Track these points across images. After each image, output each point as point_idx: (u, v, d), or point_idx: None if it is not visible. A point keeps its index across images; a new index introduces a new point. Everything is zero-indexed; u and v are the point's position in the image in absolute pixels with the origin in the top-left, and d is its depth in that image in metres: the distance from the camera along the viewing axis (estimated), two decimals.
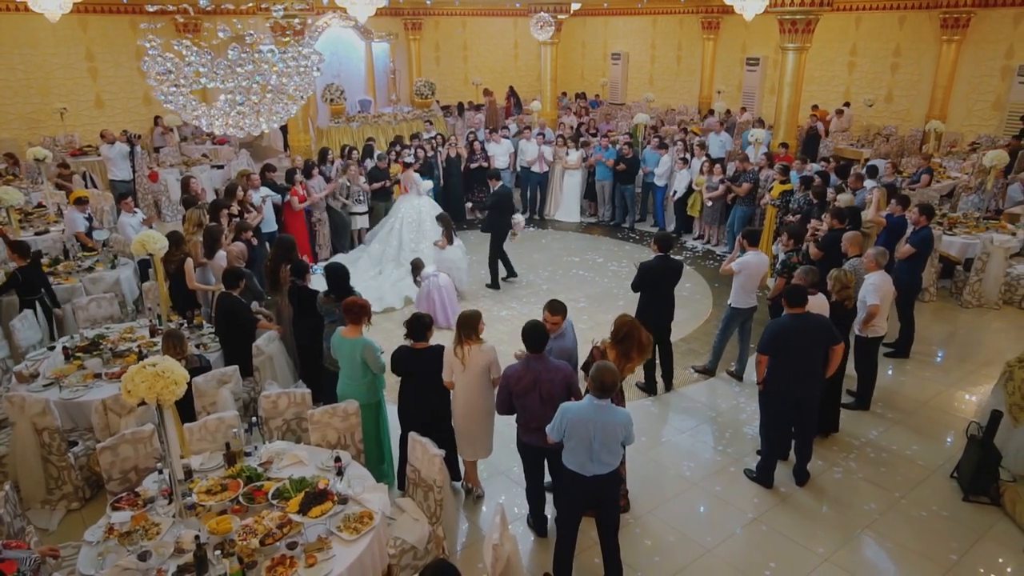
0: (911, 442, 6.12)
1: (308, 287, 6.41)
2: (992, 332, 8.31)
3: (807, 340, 5.17)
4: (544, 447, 4.65)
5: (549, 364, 4.59)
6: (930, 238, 7.34)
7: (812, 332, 5.19)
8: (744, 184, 10.55)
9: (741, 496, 5.46)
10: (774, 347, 5.18)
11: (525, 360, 4.62)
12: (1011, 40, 15.27)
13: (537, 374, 4.54)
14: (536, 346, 4.57)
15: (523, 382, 4.55)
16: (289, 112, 4.94)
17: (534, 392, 4.54)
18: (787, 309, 5.20)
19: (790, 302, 5.16)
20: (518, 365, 4.65)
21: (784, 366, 5.17)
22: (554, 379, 4.53)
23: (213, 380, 5.46)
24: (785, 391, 5.24)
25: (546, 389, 4.52)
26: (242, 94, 4.30)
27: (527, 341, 4.59)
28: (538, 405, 4.55)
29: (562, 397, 4.55)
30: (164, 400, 3.74)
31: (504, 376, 4.66)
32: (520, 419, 4.73)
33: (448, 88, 21.45)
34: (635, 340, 5.05)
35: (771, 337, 5.20)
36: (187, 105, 4.46)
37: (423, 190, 10.63)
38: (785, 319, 5.22)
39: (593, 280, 10.09)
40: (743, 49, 20.01)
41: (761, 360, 5.25)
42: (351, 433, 5.04)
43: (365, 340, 5.17)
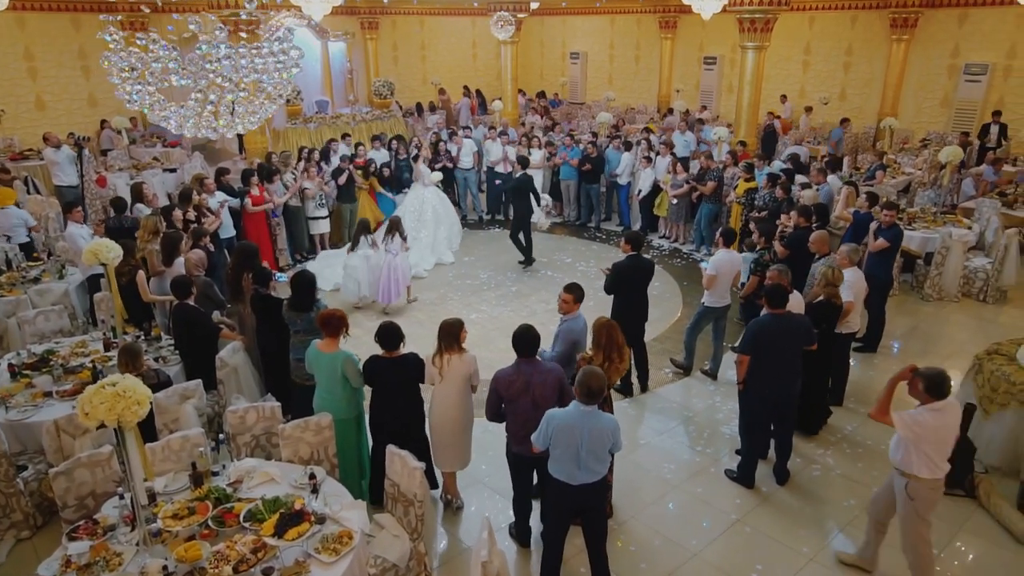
0: (885, 436, 6.13)
1: (272, 295, 6.16)
2: (953, 325, 8.48)
3: (787, 340, 5.16)
4: (537, 457, 4.53)
5: (540, 367, 4.47)
6: (901, 234, 7.44)
7: (792, 332, 5.18)
8: (709, 182, 10.60)
9: (723, 497, 5.42)
10: (755, 347, 5.15)
11: (516, 364, 4.49)
12: (956, 39, 15.73)
13: (528, 377, 4.41)
14: (527, 351, 4.45)
15: (514, 386, 4.42)
16: (266, 112, 4.70)
17: (526, 396, 4.41)
18: (767, 309, 5.17)
19: (771, 302, 5.13)
20: (508, 369, 4.50)
21: (764, 366, 5.15)
22: (546, 381, 4.41)
23: (175, 396, 5.18)
24: (765, 390, 5.21)
25: (538, 392, 4.40)
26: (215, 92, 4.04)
27: (518, 346, 4.46)
28: (531, 409, 4.41)
29: (554, 400, 4.43)
30: (126, 422, 3.50)
31: (494, 380, 4.51)
32: (510, 427, 4.59)
33: (406, 88, 21.17)
34: (615, 342, 4.97)
35: (752, 337, 5.17)
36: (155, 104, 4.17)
37: (429, 181, 11.13)
38: (766, 319, 5.19)
39: (562, 281, 9.73)
40: (700, 48, 20.23)
41: (742, 360, 5.21)
42: (325, 447, 4.83)
43: (345, 353, 4.97)
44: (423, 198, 11.06)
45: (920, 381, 4.06)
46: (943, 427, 4.03)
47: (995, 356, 5.80)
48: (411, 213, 10.72)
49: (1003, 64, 15.13)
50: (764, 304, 5.20)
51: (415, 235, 10.30)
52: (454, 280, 9.97)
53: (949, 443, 4.08)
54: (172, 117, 4.24)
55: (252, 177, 9.48)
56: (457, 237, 11.39)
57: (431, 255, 10.68)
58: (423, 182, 11.17)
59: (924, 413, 4.02)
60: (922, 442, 4.00)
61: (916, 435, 4.00)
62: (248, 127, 4.62)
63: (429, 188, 11.16)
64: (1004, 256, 8.68)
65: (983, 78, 15.32)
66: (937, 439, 4.01)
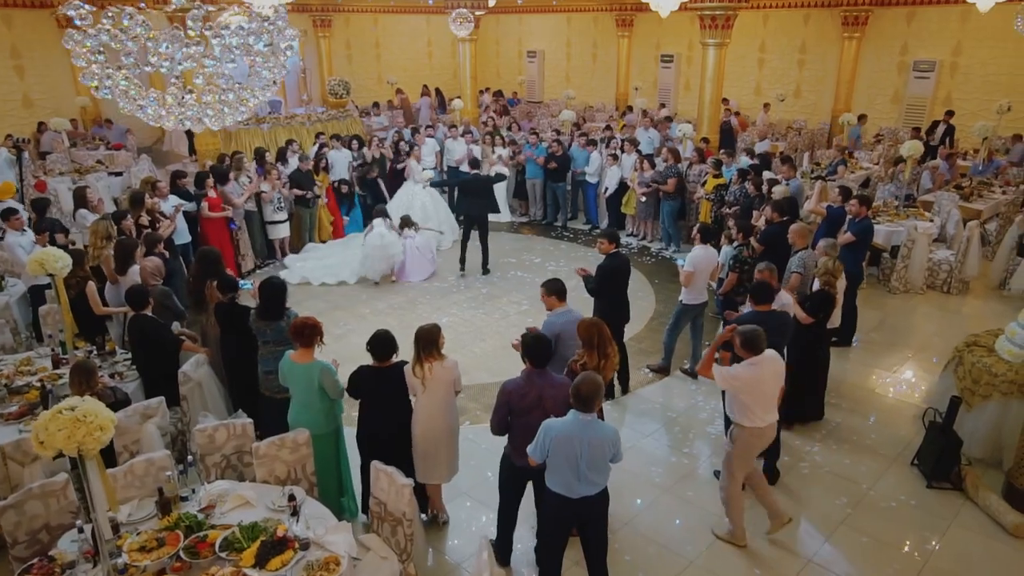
0: (868, 431, 6.16)
1: (238, 304, 5.81)
2: (921, 317, 8.59)
3: (772, 337, 5.05)
4: (537, 471, 4.32)
5: (552, 379, 4.26)
6: (870, 227, 7.47)
7: (777, 329, 5.08)
8: (669, 179, 10.55)
9: (714, 500, 5.26)
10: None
11: (527, 375, 4.26)
12: (905, 37, 16.11)
13: (541, 389, 4.19)
14: (540, 360, 4.23)
15: (527, 399, 4.19)
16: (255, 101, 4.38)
17: (538, 409, 4.18)
18: (753, 306, 5.07)
19: (757, 299, 5.03)
20: (520, 380, 4.27)
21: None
22: (558, 396, 4.17)
23: (135, 415, 4.81)
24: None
25: (550, 406, 4.17)
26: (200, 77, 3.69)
27: (531, 355, 4.23)
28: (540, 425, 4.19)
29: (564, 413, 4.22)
30: (87, 450, 3.16)
31: (504, 393, 4.27)
32: (515, 440, 4.34)
33: (361, 88, 20.71)
34: (605, 339, 4.79)
35: None
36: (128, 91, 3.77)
37: (420, 178, 11.20)
38: (750, 316, 5.08)
39: (533, 281, 9.80)
40: (657, 46, 20.30)
41: (725, 357, 5.09)
42: (302, 465, 4.53)
43: (322, 364, 4.68)
44: (412, 194, 11.20)
45: (738, 337, 4.49)
46: (759, 379, 4.42)
47: (974, 348, 5.83)
48: (400, 209, 10.65)
49: (949, 61, 15.55)
50: (749, 301, 5.09)
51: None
52: (422, 283, 9.69)
53: (768, 395, 4.48)
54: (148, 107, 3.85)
55: (208, 179, 9.02)
56: (448, 236, 11.26)
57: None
58: (414, 179, 11.32)
59: (741, 367, 4.45)
60: (740, 393, 4.43)
61: (733, 387, 4.45)
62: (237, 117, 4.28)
63: (420, 185, 11.21)
64: (967, 248, 8.82)
65: (931, 75, 15.72)
66: (755, 391, 4.42)
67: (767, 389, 4.48)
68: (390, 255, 9.59)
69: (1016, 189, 11.03)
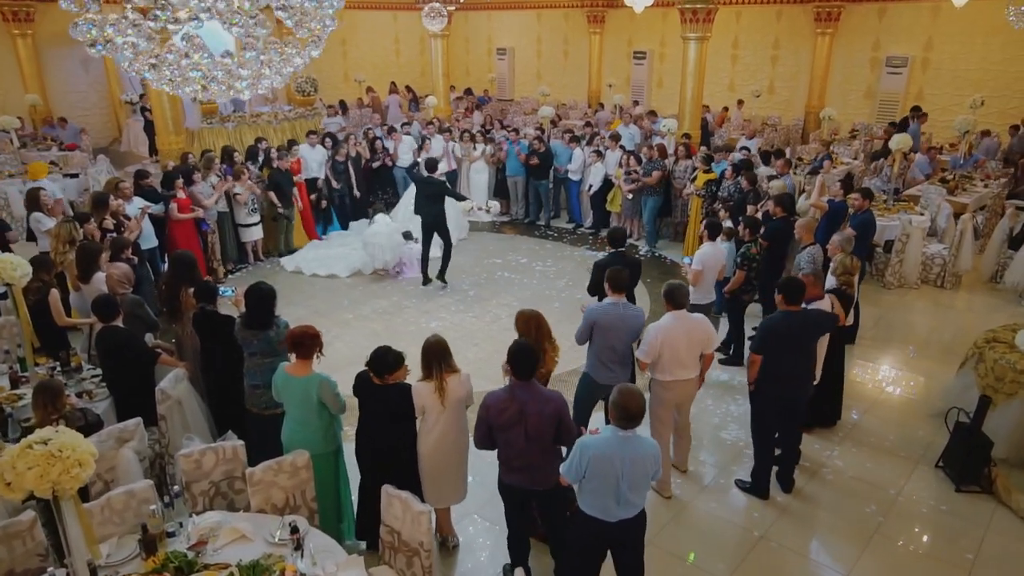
0: (887, 432, 5.95)
1: (219, 312, 5.33)
2: (919, 312, 8.47)
3: (803, 338, 4.80)
4: (532, 489, 3.96)
5: (539, 393, 3.86)
6: (871, 222, 7.30)
7: (807, 329, 4.82)
8: (654, 173, 10.31)
9: (739, 511, 5.02)
10: (768, 346, 4.75)
11: (510, 387, 3.89)
12: (877, 33, 16.18)
13: (523, 404, 3.81)
14: (524, 371, 3.84)
15: (506, 414, 3.82)
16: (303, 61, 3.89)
17: (518, 426, 3.81)
18: (783, 305, 4.78)
19: (787, 298, 4.74)
20: (501, 393, 3.90)
21: (778, 365, 4.76)
22: (543, 411, 3.80)
23: (109, 439, 4.32)
24: (779, 391, 4.84)
25: (533, 423, 3.80)
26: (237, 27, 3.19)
27: (514, 365, 3.85)
28: (523, 441, 3.83)
29: (550, 435, 3.86)
30: (64, 490, 2.70)
31: (484, 406, 3.90)
32: (501, 455, 4.00)
33: (328, 85, 20.06)
34: (543, 331, 4.63)
35: (766, 335, 4.78)
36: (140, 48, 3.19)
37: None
38: (780, 316, 4.80)
39: (521, 282, 9.45)
40: (629, 43, 20.11)
41: (755, 360, 4.81)
42: (302, 491, 4.11)
43: (321, 376, 4.25)
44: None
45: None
46: (675, 331, 4.74)
47: (995, 344, 5.65)
48: (407, 205, 10.35)
49: (921, 57, 15.65)
50: (780, 299, 4.79)
51: (405, 226, 9.93)
52: (406, 286, 9.25)
53: (680, 351, 4.77)
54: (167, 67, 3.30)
55: (177, 180, 8.45)
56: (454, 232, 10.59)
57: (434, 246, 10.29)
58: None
59: (664, 318, 4.83)
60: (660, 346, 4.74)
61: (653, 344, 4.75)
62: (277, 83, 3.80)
63: None
64: (960, 242, 8.74)
65: (903, 70, 15.81)
66: (671, 344, 4.74)
67: (680, 344, 4.77)
68: (397, 243, 9.46)
69: (997, 183, 11.05)
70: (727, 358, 7.14)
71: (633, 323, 4.88)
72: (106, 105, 17.29)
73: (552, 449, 3.93)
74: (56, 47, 16.04)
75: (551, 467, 3.88)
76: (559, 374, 6.42)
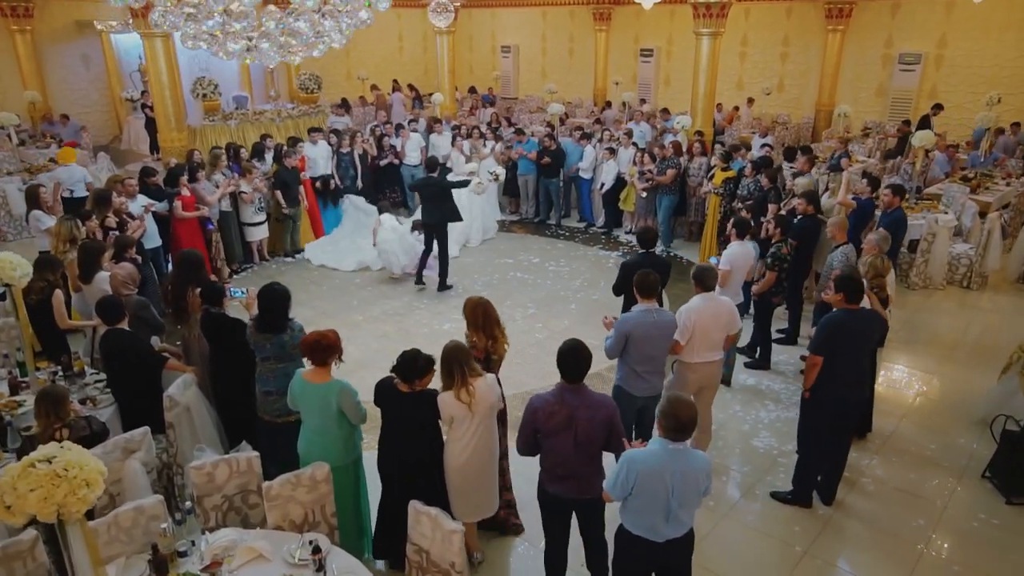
0: (926, 440, 5.70)
1: (227, 315, 5.07)
2: (947, 314, 8.22)
3: (863, 339, 4.54)
4: (579, 498, 3.71)
5: (590, 398, 3.62)
6: (903, 220, 7.05)
7: (868, 330, 4.57)
8: (669, 171, 10.06)
9: (779, 525, 4.76)
10: (830, 347, 4.48)
11: (558, 390, 3.64)
12: (890, 29, 15.94)
13: (573, 409, 3.56)
14: (573, 373, 3.60)
15: (555, 419, 3.57)
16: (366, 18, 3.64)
17: (567, 432, 3.57)
18: (843, 304, 4.51)
19: (849, 296, 4.47)
20: (549, 396, 3.64)
21: (836, 368, 4.49)
22: (594, 417, 3.56)
23: (116, 450, 4.06)
24: (836, 396, 4.57)
25: (583, 429, 3.56)
26: None
27: (564, 367, 3.60)
28: (571, 449, 3.59)
29: (601, 441, 3.61)
30: (70, 514, 2.44)
31: (531, 410, 3.65)
32: (545, 463, 3.74)
33: (331, 84, 19.79)
34: (492, 318, 4.46)
35: (827, 336, 4.50)
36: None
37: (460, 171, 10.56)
38: (841, 315, 4.52)
39: (535, 283, 9.20)
40: (636, 41, 19.86)
41: (815, 362, 4.53)
42: (321, 506, 3.84)
43: (341, 383, 3.99)
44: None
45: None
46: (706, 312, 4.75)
47: None
48: (474, 179, 10.28)
49: (935, 53, 15.42)
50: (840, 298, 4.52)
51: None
52: (416, 287, 8.98)
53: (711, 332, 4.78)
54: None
55: (181, 176, 8.19)
56: (477, 234, 10.71)
57: (454, 244, 10.06)
58: (455, 172, 10.73)
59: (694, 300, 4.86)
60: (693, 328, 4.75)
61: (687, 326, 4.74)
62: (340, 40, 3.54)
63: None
64: (987, 241, 8.49)
65: (917, 67, 15.57)
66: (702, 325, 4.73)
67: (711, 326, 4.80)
68: (409, 245, 9.16)
69: (1020, 181, 10.80)
70: (753, 362, 6.89)
71: (668, 329, 4.63)
72: (107, 102, 17.02)
73: (600, 456, 3.70)
74: (56, 43, 15.78)
75: (598, 475, 3.66)
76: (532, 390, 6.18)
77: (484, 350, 4.34)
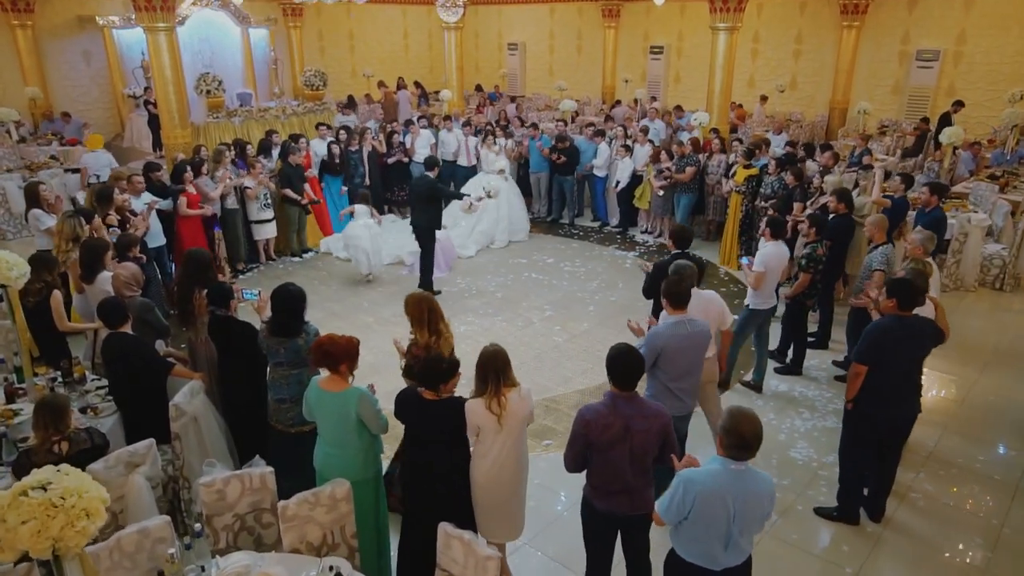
0: (974, 451, 5.39)
1: (235, 318, 4.77)
2: (981, 317, 7.90)
3: (913, 349, 4.23)
4: (631, 515, 3.42)
5: (644, 407, 3.34)
6: (943, 220, 6.74)
7: (918, 339, 4.25)
8: (688, 168, 9.77)
9: (825, 543, 4.46)
10: (874, 356, 4.18)
11: (611, 400, 3.35)
12: (907, 26, 15.62)
13: (628, 420, 3.28)
14: (626, 381, 3.31)
15: (610, 431, 3.28)
16: None
17: (623, 444, 3.28)
18: (895, 310, 4.21)
19: (902, 302, 4.16)
20: (601, 407, 3.35)
21: (883, 380, 4.19)
22: (650, 428, 3.29)
23: (118, 465, 3.76)
24: (881, 409, 4.27)
25: (639, 441, 3.28)
26: None
27: (615, 375, 3.33)
28: (626, 463, 3.30)
29: (654, 452, 3.33)
30: (67, 548, 2.14)
31: (582, 422, 3.35)
32: (595, 478, 3.45)
33: (335, 81, 19.48)
34: (436, 314, 4.32)
35: (873, 343, 4.19)
36: None
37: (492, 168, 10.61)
38: (890, 322, 4.22)
39: (551, 284, 8.90)
40: (645, 38, 19.55)
41: (859, 372, 4.23)
42: (341, 527, 3.55)
43: (360, 390, 3.70)
44: (477, 185, 10.42)
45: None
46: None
47: None
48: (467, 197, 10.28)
49: (953, 50, 15.10)
50: (891, 304, 4.22)
51: (456, 221, 10.21)
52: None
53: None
54: None
55: (186, 173, 7.90)
56: (503, 235, 10.42)
57: (472, 243, 10.13)
58: (485, 168, 10.86)
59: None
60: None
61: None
62: None
63: (491, 176, 10.60)
64: (1021, 241, 8.19)
65: (935, 64, 15.26)
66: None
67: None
68: (379, 246, 8.94)
69: None
70: (784, 367, 6.60)
71: (703, 340, 4.30)
72: (108, 99, 16.72)
73: (652, 469, 3.43)
74: (57, 39, 15.49)
75: (650, 488, 3.42)
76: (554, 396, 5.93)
77: (425, 347, 4.23)
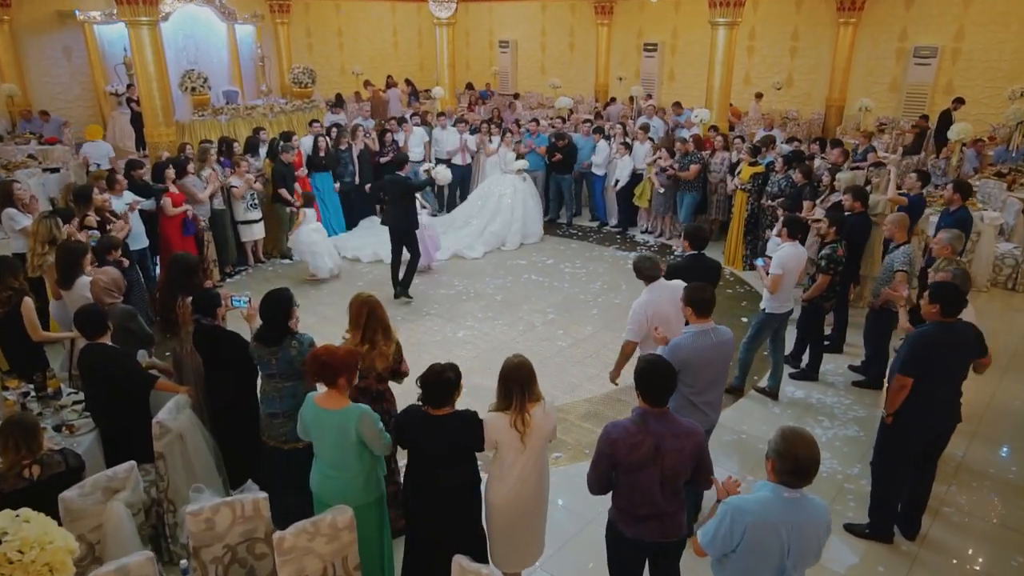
0: (1005, 463, 5.15)
1: (221, 327, 4.43)
2: (996, 319, 7.66)
3: (959, 358, 3.97)
4: (663, 542, 3.13)
5: (676, 425, 3.04)
6: (969, 220, 6.48)
7: (965, 348, 3.99)
8: (692, 166, 9.50)
9: (859, 563, 4.18)
10: (920, 367, 3.90)
11: (640, 417, 3.05)
12: (904, 22, 15.45)
13: (659, 439, 2.99)
14: (657, 396, 3.02)
15: (639, 451, 2.98)
16: None
17: (653, 466, 2.99)
18: (938, 316, 3.94)
19: (946, 308, 3.90)
20: (629, 424, 3.05)
21: (926, 392, 3.92)
22: (683, 448, 2.99)
23: (96, 492, 3.41)
24: (928, 421, 4.00)
25: (670, 462, 2.99)
26: None
27: (645, 389, 3.03)
28: (657, 485, 3.00)
29: (687, 475, 3.03)
30: None
31: (608, 441, 3.05)
32: (621, 502, 3.15)
33: (323, 78, 19.06)
34: (378, 320, 3.99)
35: (917, 353, 3.92)
36: None
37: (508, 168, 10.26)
38: (934, 330, 3.95)
39: (551, 285, 8.59)
40: (639, 35, 19.30)
41: (904, 384, 3.94)
42: (343, 558, 3.22)
43: (361, 408, 3.39)
44: (493, 184, 10.36)
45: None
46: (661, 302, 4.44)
47: None
48: (478, 197, 10.28)
49: (951, 47, 14.94)
50: (934, 310, 3.94)
51: (468, 220, 10.12)
52: (427, 289, 8.36)
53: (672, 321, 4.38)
54: None
55: (168, 170, 7.53)
56: (515, 237, 10.01)
57: (481, 244, 9.81)
58: (501, 167, 10.52)
59: (644, 293, 4.58)
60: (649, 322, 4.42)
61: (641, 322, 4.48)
62: None
63: (508, 176, 10.24)
64: None
65: (932, 61, 15.09)
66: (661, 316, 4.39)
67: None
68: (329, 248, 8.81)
69: None
70: (800, 372, 6.33)
71: (729, 349, 4.01)
72: (90, 96, 16.25)
73: (683, 491, 3.15)
74: (36, 34, 15.03)
75: (683, 512, 3.14)
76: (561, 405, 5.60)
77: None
